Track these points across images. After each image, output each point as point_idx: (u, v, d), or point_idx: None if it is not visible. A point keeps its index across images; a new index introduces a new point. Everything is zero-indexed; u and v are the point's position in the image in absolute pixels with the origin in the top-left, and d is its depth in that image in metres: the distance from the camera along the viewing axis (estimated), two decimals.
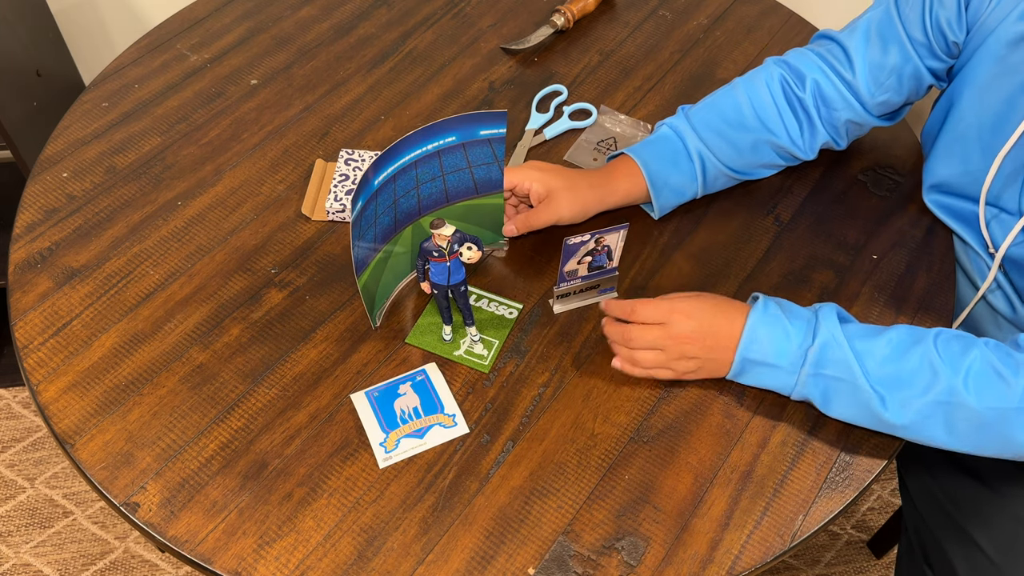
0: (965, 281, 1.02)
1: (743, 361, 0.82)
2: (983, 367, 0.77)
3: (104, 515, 1.53)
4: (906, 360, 0.79)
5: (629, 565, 0.75)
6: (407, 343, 0.89)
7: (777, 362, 0.81)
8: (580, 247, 0.85)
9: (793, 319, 0.82)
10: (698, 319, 0.83)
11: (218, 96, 1.11)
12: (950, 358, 0.78)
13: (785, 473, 0.81)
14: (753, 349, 0.82)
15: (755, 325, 0.82)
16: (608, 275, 0.91)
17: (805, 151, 1.00)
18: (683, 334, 0.83)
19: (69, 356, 0.86)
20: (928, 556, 1.01)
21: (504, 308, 0.92)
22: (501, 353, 0.88)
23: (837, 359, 0.79)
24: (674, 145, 0.98)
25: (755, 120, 0.98)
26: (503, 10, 1.25)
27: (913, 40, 0.94)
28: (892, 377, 0.78)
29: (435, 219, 0.82)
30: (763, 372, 0.83)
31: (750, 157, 1.00)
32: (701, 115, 0.99)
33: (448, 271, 0.84)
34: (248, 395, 0.84)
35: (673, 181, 0.97)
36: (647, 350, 0.84)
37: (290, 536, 0.76)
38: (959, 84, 0.93)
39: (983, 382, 0.76)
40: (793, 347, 0.81)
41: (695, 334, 0.83)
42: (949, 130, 0.96)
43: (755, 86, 0.99)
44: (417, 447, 0.81)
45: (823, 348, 0.80)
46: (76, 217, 0.97)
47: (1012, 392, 0.75)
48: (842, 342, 0.80)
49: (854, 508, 1.61)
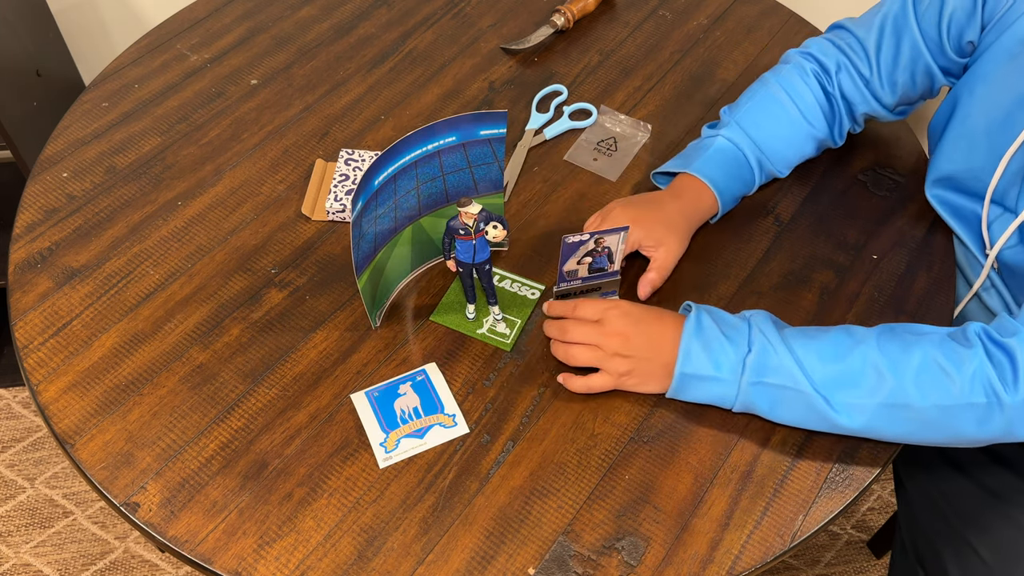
0: (960, 279, 1.02)
1: (681, 376, 0.81)
2: (926, 364, 0.76)
3: (104, 515, 1.53)
4: (848, 361, 0.78)
5: (629, 565, 0.75)
6: (431, 320, 0.90)
7: (716, 373, 0.80)
8: (579, 247, 0.85)
9: (727, 328, 0.81)
10: (634, 317, 0.84)
11: (218, 96, 1.11)
12: (892, 358, 0.77)
13: (785, 473, 0.81)
14: (689, 364, 0.80)
15: (689, 339, 0.81)
16: (609, 278, 0.90)
17: (836, 141, 1.04)
18: (617, 330, 0.83)
19: (69, 356, 0.86)
20: (922, 558, 1.00)
21: (527, 288, 0.93)
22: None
23: (777, 365, 0.79)
24: (735, 156, 0.98)
25: (800, 118, 1.00)
26: (503, 10, 1.25)
27: (927, 37, 0.94)
28: (835, 378, 0.78)
29: (462, 198, 0.82)
30: (702, 386, 0.81)
31: (796, 154, 1.01)
32: (752, 119, 0.99)
33: (474, 249, 0.84)
34: (248, 395, 0.84)
35: (737, 191, 0.99)
36: (582, 346, 0.84)
37: (290, 536, 0.76)
38: (970, 79, 0.93)
39: (926, 379, 0.76)
40: (730, 356, 0.80)
41: (629, 331, 0.83)
42: (956, 125, 0.95)
43: (792, 83, 1.00)
44: (417, 447, 0.81)
45: (761, 355, 0.79)
46: (76, 217, 0.97)
47: (957, 388, 0.75)
48: (780, 347, 0.79)
49: (854, 508, 1.61)
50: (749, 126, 0.99)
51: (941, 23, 0.92)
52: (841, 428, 0.79)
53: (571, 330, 0.85)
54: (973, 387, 0.75)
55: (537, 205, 1.01)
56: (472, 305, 0.89)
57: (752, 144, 0.98)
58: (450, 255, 0.87)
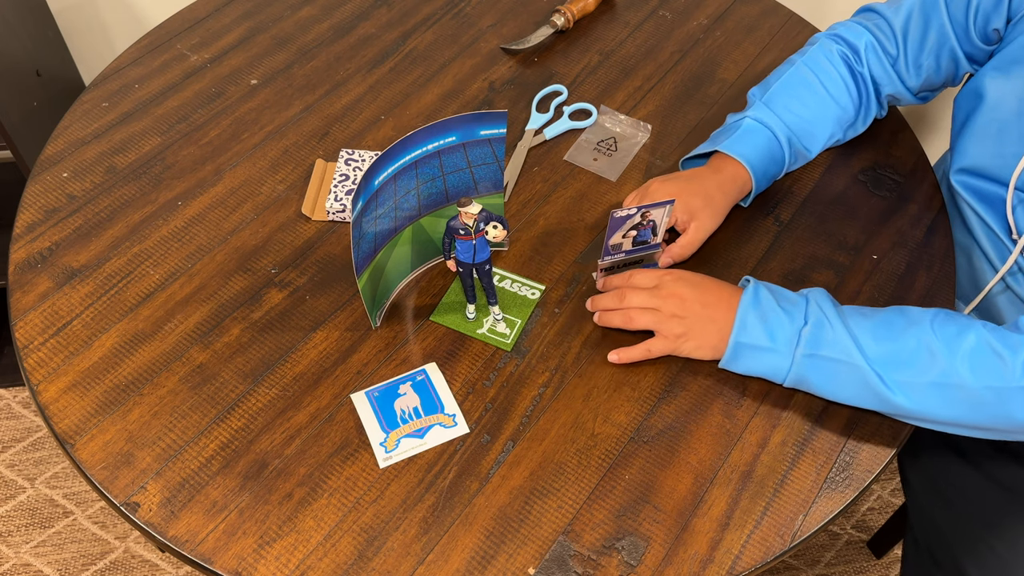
0: (986, 264, 1.01)
1: (736, 346, 0.83)
2: (980, 347, 0.77)
3: (104, 515, 1.53)
4: (903, 340, 0.79)
5: (629, 565, 0.75)
6: (431, 320, 0.90)
7: (771, 344, 0.82)
8: (626, 220, 0.86)
9: (784, 302, 0.83)
10: (690, 282, 0.87)
11: (218, 96, 1.11)
12: (946, 339, 0.78)
13: (785, 473, 0.81)
14: (745, 333, 0.82)
15: (746, 309, 0.83)
16: (651, 250, 0.92)
17: (861, 124, 1.04)
18: (674, 292, 0.86)
19: (69, 356, 0.86)
20: (935, 555, 1.00)
21: (527, 288, 0.93)
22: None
23: (832, 340, 0.80)
24: (766, 137, 0.98)
25: (828, 98, 1.00)
26: (503, 10, 1.25)
27: (954, 22, 0.95)
28: (889, 356, 0.79)
29: (463, 198, 0.82)
30: (756, 356, 0.83)
31: (824, 134, 1.02)
32: (781, 101, 1.00)
33: (474, 249, 0.84)
34: (248, 395, 0.84)
35: (771, 172, 0.99)
36: (640, 310, 0.86)
37: (290, 536, 0.76)
38: (999, 65, 0.93)
39: (980, 361, 0.77)
40: (786, 328, 0.81)
41: (686, 294, 0.85)
42: (986, 112, 0.95)
43: (819, 64, 1.01)
44: (417, 447, 0.81)
45: (817, 327, 0.81)
46: (76, 217, 0.97)
47: (1009, 371, 0.76)
48: (836, 322, 0.80)
49: (854, 508, 1.61)
50: (777, 106, 0.99)
51: (969, 9, 0.93)
52: (894, 406, 0.80)
53: (629, 295, 0.87)
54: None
55: (537, 205, 1.01)
56: (472, 305, 0.90)
57: (781, 123, 0.99)
58: (450, 255, 0.87)
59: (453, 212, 0.90)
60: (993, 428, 0.80)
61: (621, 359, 0.87)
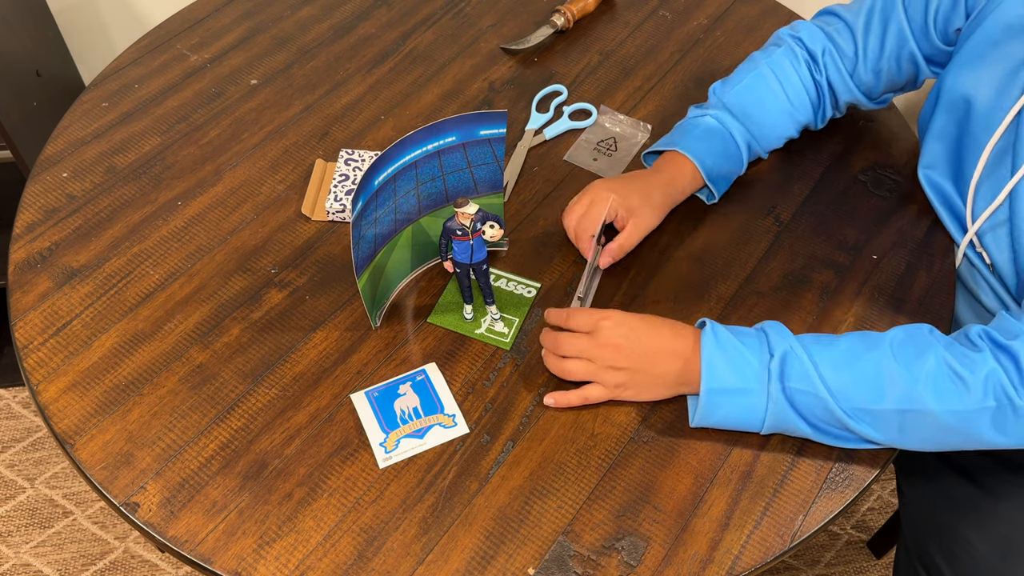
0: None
1: (709, 394, 0.78)
2: (940, 370, 0.75)
3: (104, 515, 1.53)
4: (860, 367, 0.77)
5: (629, 565, 0.75)
6: (429, 322, 0.90)
7: (743, 384, 0.78)
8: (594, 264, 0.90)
9: (744, 338, 0.80)
10: (627, 327, 0.82)
11: (218, 96, 1.11)
12: (906, 362, 0.76)
13: (785, 473, 0.81)
14: (715, 379, 0.78)
15: (711, 355, 0.78)
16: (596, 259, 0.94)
17: (818, 125, 1.06)
18: (610, 342, 0.81)
19: (69, 356, 0.86)
20: (922, 557, 1.00)
21: (523, 287, 0.93)
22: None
23: (799, 371, 0.77)
24: (721, 135, 0.99)
25: (787, 103, 1.01)
26: (503, 10, 1.25)
27: (912, 23, 0.96)
28: (848, 385, 0.77)
29: (459, 198, 0.82)
30: (731, 400, 0.79)
31: (780, 134, 1.03)
32: (739, 101, 1.00)
33: (471, 249, 0.84)
34: (248, 395, 0.84)
35: (725, 169, 0.99)
36: (576, 359, 0.82)
37: (290, 536, 0.76)
38: (955, 66, 0.93)
39: (941, 386, 0.75)
40: (753, 364, 0.78)
41: (622, 343, 0.81)
42: (942, 113, 0.96)
43: (783, 68, 1.02)
44: (417, 447, 0.81)
45: (782, 360, 0.78)
46: (76, 217, 0.97)
47: (971, 394, 0.74)
48: (799, 350, 0.78)
49: (854, 508, 1.61)
50: (736, 107, 1.00)
51: (928, 9, 0.93)
52: (866, 437, 0.78)
53: (564, 343, 0.83)
54: (985, 391, 0.74)
55: (537, 205, 1.01)
56: (469, 305, 0.89)
57: (739, 125, 1.00)
58: (447, 256, 0.87)
59: (453, 212, 0.90)
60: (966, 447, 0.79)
61: (558, 403, 0.83)
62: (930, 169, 0.99)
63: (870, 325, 0.92)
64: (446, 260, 0.87)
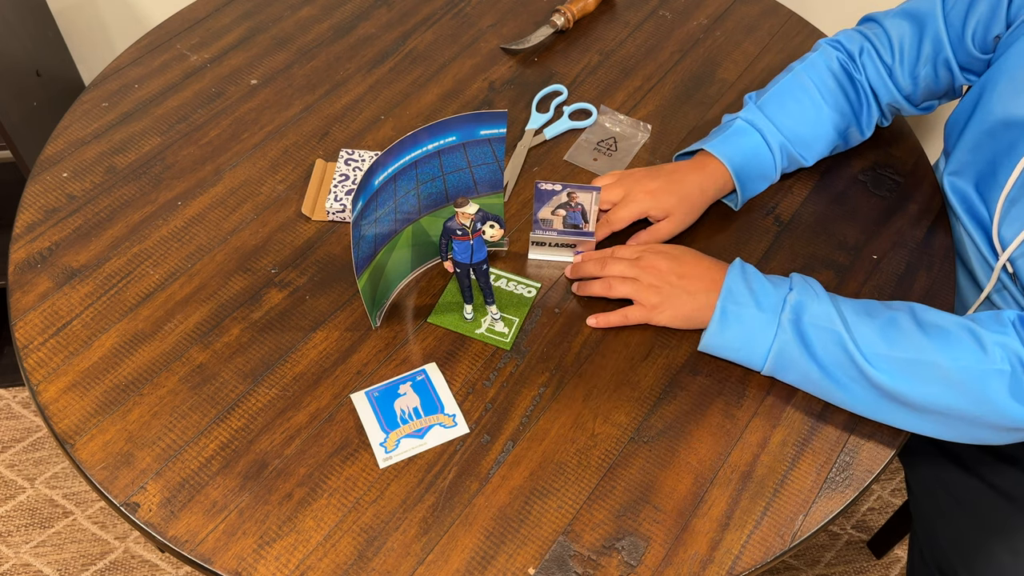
0: (969, 281, 1.01)
1: (724, 304, 0.84)
2: (957, 330, 0.78)
3: (104, 515, 1.53)
4: (883, 319, 0.81)
5: (629, 565, 0.75)
6: (429, 322, 0.90)
7: (756, 307, 0.83)
8: (552, 196, 0.89)
9: (770, 277, 0.86)
10: (669, 254, 0.89)
11: (218, 96, 1.11)
12: (925, 321, 0.80)
13: (785, 473, 0.81)
14: (732, 296, 0.84)
15: (734, 278, 0.85)
16: (584, 238, 0.93)
17: (864, 131, 1.04)
18: (653, 264, 0.88)
19: (69, 356, 0.86)
20: (941, 566, 1.00)
21: (523, 287, 0.93)
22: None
23: (817, 308, 0.81)
24: (754, 139, 0.98)
25: (823, 105, 1.00)
26: (503, 10, 1.25)
27: (951, 30, 0.95)
28: (870, 332, 0.80)
29: (459, 198, 0.82)
30: (743, 319, 0.83)
31: (819, 139, 1.02)
32: (772, 103, 1.00)
33: (471, 249, 0.84)
34: (248, 395, 0.84)
35: (756, 174, 0.99)
36: (620, 279, 0.89)
37: (290, 536, 0.76)
38: (992, 76, 0.92)
39: (957, 343, 0.77)
40: (771, 294, 0.83)
41: (664, 266, 0.88)
42: (978, 122, 0.94)
43: (819, 72, 1.01)
44: (417, 447, 0.81)
45: (802, 294, 0.82)
46: (76, 217, 0.97)
47: (987, 354, 0.76)
48: (821, 293, 0.83)
49: (854, 508, 1.61)
50: (770, 111, 0.99)
51: (968, 18, 0.93)
52: (872, 380, 0.79)
53: (611, 264, 0.90)
54: (1002, 356, 0.76)
55: None
56: (469, 306, 0.90)
57: (772, 128, 0.99)
58: (447, 256, 0.87)
59: (453, 212, 0.90)
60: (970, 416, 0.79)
61: (599, 323, 0.89)
62: (957, 177, 0.98)
63: None
64: (446, 260, 0.87)
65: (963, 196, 0.98)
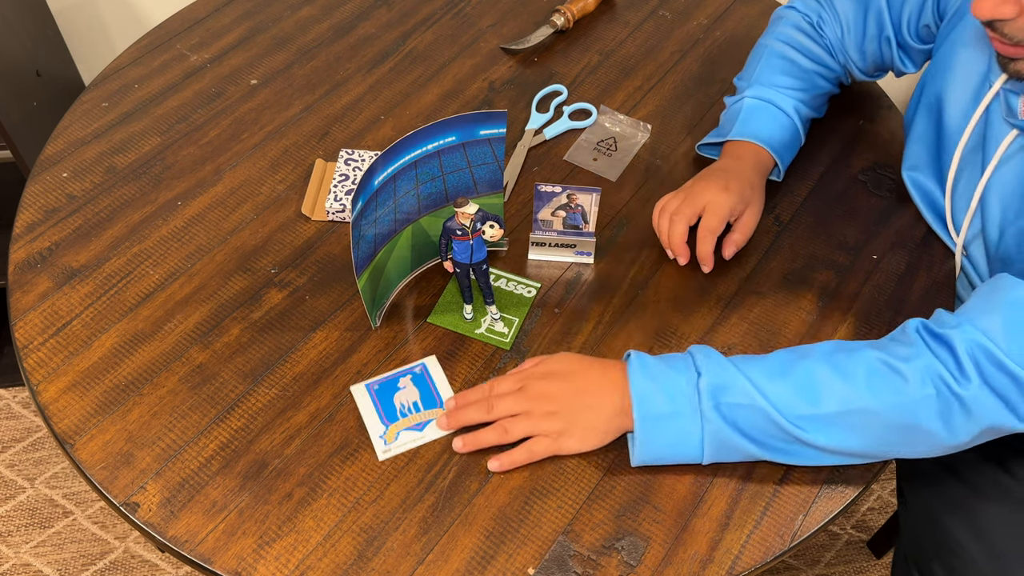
0: None
1: (643, 421, 0.76)
2: (874, 366, 0.75)
3: (104, 515, 1.53)
4: (796, 374, 0.76)
5: (629, 565, 0.75)
6: (429, 322, 0.90)
7: (674, 408, 0.76)
8: (552, 197, 0.89)
9: (672, 362, 0.78)
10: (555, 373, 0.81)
11: (218, 96, 1.11)
12: (838, 366, 0.75)
13: (785, 473, 0.81)
14: (646, 405, 0.76)
15: (639, 382, 0.77)
16: (585, 238, 0.93)
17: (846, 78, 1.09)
18: (541, 391, 0.80)
19: (69, 356, 0.86)
20: (917, 560, 1.00)
21: (523, 287, 0.93)
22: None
23: (732, 384, 0.75)
24: (767, 110, 1.01)
25: (810, 62, 1.04)
26: (503, 10, 1.25)
27: (892, 10, 0.98)
28: (787, 393, 0.75)
29: (459, 198, 0.82)
30: (667, 428, 0.77)
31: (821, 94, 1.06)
32: (769, 75, 1.03)
33: (471, 249, 0.84)
34: (248, 395, 0.84)
35: (787, 142, 1.01)
36: (511, 419, 0.80)
37: (290, 536, 0.76)
38: (932, 69, 0.96)
39: (877, 380, 0.74)
40: (682, 386, 0.76)
41: (553, 388, 0.80)
42: (922, 114, 0.98)
43: (790, 35, 1.05)
44: (417, 440, 0.81)
45: (714, 377, 0.76)
46: (76, 217, 0.97)
47: (909, 383, 0.73)
48: (727, 366, 0.77)
49: (854, 508, 1.61)
50: (772, 81, 1.02)
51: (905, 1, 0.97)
52: (808, 442, 0.76)
53: (497, 405, 0.80)
54: (923, 380, 0.73)
55: None
56: (469, 305, 0.90)
57: (778, 94, 1.02)
58: (447, 256, 0.87)
59: (452, 212, 0.90)
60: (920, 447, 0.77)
61: (503, 466, 0.79)
62: (914, 171, 1.01)
63: (870, 325, 0.92)
64: (446, 260, 0.87)
65: (921, 188, 1.00)
